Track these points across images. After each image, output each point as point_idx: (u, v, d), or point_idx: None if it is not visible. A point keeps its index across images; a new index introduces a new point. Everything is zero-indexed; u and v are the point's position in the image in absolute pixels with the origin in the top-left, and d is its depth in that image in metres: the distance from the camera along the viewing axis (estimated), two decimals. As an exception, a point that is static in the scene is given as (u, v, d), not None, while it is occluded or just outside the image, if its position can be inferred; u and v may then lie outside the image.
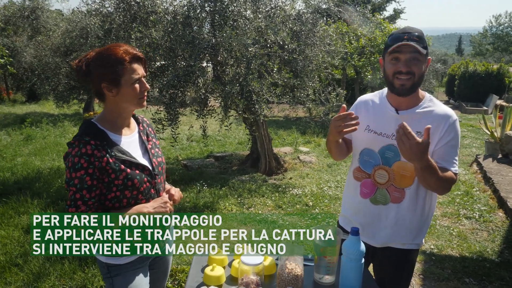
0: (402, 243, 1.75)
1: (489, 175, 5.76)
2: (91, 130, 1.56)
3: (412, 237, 1.75)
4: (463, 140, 9.46)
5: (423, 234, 1.79)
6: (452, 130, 1.62)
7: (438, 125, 1.62)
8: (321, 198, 5.16)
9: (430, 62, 1.69)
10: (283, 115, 11.77)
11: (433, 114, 1.65)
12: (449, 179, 1.60)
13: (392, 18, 28.07)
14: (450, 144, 1.62)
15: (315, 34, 5.83)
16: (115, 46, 1.58)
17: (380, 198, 1.75)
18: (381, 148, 1.71)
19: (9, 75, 15.61)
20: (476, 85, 17.10)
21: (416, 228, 1.75)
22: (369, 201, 1.78)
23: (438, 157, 1.62)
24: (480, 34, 46.54)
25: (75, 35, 9.00)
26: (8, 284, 3.05)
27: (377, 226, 1.77)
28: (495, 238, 4.00)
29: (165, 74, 5.08)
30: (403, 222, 1.73)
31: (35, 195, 4.90)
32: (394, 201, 1.72)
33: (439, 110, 1.66)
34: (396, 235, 1.75)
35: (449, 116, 1.64)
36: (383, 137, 1.71)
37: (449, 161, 1.62)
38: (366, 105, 1.82)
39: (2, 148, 7.62)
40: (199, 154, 7.88)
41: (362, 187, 1.80)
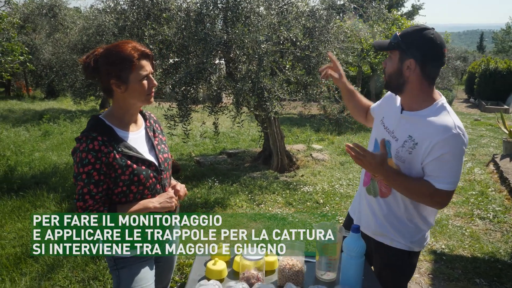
0: (391, 241, 1.72)
1: (505, 175, 5.64)
2: (99, 126, 1.59)
3: (400, 236, 1.70)
4: (481, 139, 9.27)
5: (417, 238, 1.71)
6: (446, 145, 1.49)
7: (433, 136, 1.52)
8: (332, 195, 5.15)
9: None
10: (297, 113, 11.74)
11: (432, 123, 1.54)
12: (425, 191, 1.54)
13: (410, 14, 27.62)
14: (441, 159, 1.51)
15: (329, 31, 5.79)
16: (124, 43, 1.60)
17: (372, 189, 1.77)
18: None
19: (28, 72, 16.00)
20: (497, 83, 16.72)
21: (406, 229, 1.70)
22: (365, 190, 1.82)
23: (427, 170, 1.56)
24: (503, 30, 45.32)
25: (91, 32, 9.16)
26: (23, 274, 3.15)
27: (371, 217, 1.78)
28: (508, 239, 3.92)
29: (178, 71, 5.14)
30: (391, 218, 1.71)
31: (51, 189, 5.04)
32: (381, 196, 1.73)
33: (440, 120, 1.53)
34: (386, 231, 1.73)
35: (447, 129, 1.50)
36: (386, 131, 1.71)
37: (436, 177, 1.53)
38: (390, 98, 1.82)
39: (21, 143, 7.82)
40: (212, 151, 7.94)
41: (365, 175, 1.84)
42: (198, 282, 1.55)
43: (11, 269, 3.21)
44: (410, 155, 1.58)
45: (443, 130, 1.51)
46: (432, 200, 1.56)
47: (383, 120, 1.77)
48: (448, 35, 20.98)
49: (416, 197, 1.61)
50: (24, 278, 3.09)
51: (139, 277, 1.68)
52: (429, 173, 1.55)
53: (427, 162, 1.55)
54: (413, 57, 1.54)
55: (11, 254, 3.45)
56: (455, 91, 22.40)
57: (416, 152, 1.56)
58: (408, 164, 1.60)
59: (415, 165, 1.58)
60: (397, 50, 1.57)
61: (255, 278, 1.57)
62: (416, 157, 1.57)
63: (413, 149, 1.57)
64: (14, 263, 3.30)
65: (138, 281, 1.65)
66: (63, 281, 3.06)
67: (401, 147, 1.61)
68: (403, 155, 1.60)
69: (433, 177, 1.54)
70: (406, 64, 1.55)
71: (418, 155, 1.56)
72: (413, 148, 1.57)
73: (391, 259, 1.74)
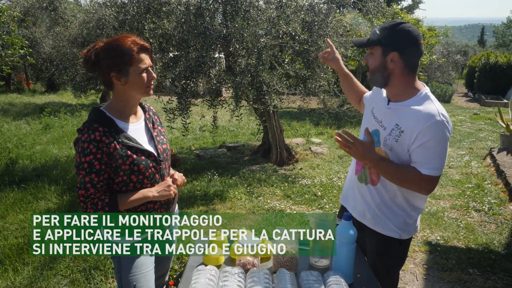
0: (382, 228, 1.78)
1: (502, 168, 5.69)
2: (100, 117, 1.64)
3: (390, 223, 1.75)
4: (479, 133, 9.32)
5: (406, 225, 1.76)
6: (429, 131, 1.56)
7: (417, 124, 1.58)
8: (330, 188, 5.21)
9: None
10: (296, 106, 11.78)
11: (416, 112, 1.61)
12: (412, 178, 1.60)
13: (410, 8, 27.51)
14: (425, 145, 1.58)
15: (328, 25, 5.82)
16: (124, 37, 1.65)
17: (364, 177, 1.83)
18: (373, 131, 1.78)
19: (29, 66, 16.01)
20: (497, 77, 16.72)
21: (396, 216, 1.75)
22: (357, 178, 1.87)
23: (413, 157, 1.62)
24: (504, 24, 45.12)
25: (92, 26, 9.16)
26: (26, 264, 3.22)
27: (363, 206, 1.84)
28: (503, 231, 3.99)
29: (178, 64, 5.17)
30: (381, 206, 1.77)
31: (52, 182, 5.10)
32: (371, 183, 1.79)
33: (424, 108, 1.60)
34: (377, 218, 1.78)
35: (431, 117, 1.57)
36: (375, 121, 1.79)
37: (421, 163, 1.59)
38: (378, 89, 1.89)
39: (22, 136, 7.88)
40: (211, 144, 7.99)
41: (357, 164, 1.90)
42: (196, 268, 1.61)
43: (13, 259, 3.28)
44: (397, 142, 1.65)
45: (427, 118, 1.57)
46: (419, 186, 1.63)
47: (373, 110, 1.84)
48: (448, 29, 20.89)
49: (403, 183, 1.67)
50: (27, 267, 3.16)
51: (139, 263, 1.73)
52: (415, 160, 1.62)
53: (412, 149, 1.61)
54: (396, 50, 1.61)
55: (13, 244, 3.52)
56: (455, 85, 22.40)
57: (402, 140, 1.63)
58: (395, 152, 1.67)
59: (402, 152, 1.65)
60: (378, 45, 1.64)
61: (251, 264, 1.63)
62: (402, 145, 1.64)
63: (399, 137, 1.64)
64: (16, 253, 3.37)
65: (138, 267, 1.71)
66: (65, 270, 3.13)
67: (388, 135, 1.69)
68: (390, 143, 1.67)
69: (419, 163, 1.61)
70: (390, 57, 1.62)
71: (404, 142, 1.63)
72: (399, 136, 1.64)
73: (383, 246, 1.80)
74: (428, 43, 12.28)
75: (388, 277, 1.84)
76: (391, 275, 1.87)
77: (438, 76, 21.02)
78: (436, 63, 18.27)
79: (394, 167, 1.63)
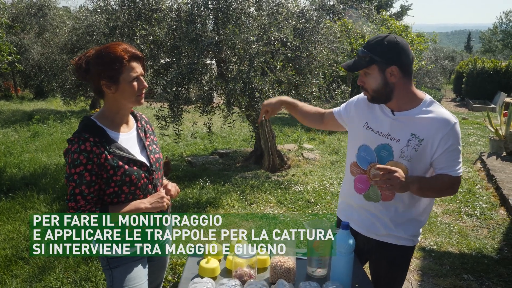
0: (397, 239, 1.77)
1: (492, 173, 5.75)
2: (90, 127, 1.60)
3: (406, 234, 1.77)
4: (468, 138, 9.42)
5: (418, 231, 1.81)
6: (451, 135, 1.61)
7: (437, 131, 1.61)
8: (323, 195, 5.20)
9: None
10: (288, 112, 11.79)
11: (431, 119, 1.63)
12: (447, 184, 1.64)
13: (399, 14, 27.88)
14: (450, 149, 1.62)
15: (319, 32, 5.84)
16: (115, 44, 1.62)
17: (372, 195, 1.78)
18: (377, 146, 1.72)
19: (17, 72, 15.79)
20: (484, 82, 16.96)
21: (411, 225, 1.77)
22: (363, 197, 1.81)
23: (439, 163, 1.64)
24: (490, 30, 45.91)
25: (81, 32, 9.11)
26: (14, 276, 3.14)
27: (373, 222, 1.80)
28: (495, 236, 4.01)
29: (169, 71, 5.14)
30: (397, 218, 1.75)
31: (41, 191, 5.00)
32: (384, 199, 1.75)
33: (438, 114, 1.63)
34: (392, 231, 1.77)
35: (448, 122, 1.61)
36: (379, 135, 1.72)
37: (450, 166, 1.64)
38: (359, 103, 1.87)
39: (10, 144, 7.74)
40: (203, 151, 7.94)
41: (357, 182, 1.83)
42: (192, 280, 1.57)
43: (1, 271, 3.19)
44: (417, 152, 1.63)
45: (445, 124, 1.61)
46: (453, 189, 1.67)
47: (367, 125, 1.78)
48: (436, 35, 21.16)
49: (440, 193, 1.70)
50: (15, 280, 3.08)
51: (132, 276, 1.69)
52: (441, 166, 1.64)
53: (437, 156, 1.63)
54: (393, 63, 1.60)
55: (1, 256, 3.43)
56: (443, 90, 22.66)
57: (423, 148, 1.63)
58: (415, 162, 1.65)
59: (423, 160, 1.65)
60: (374, 64, 1.62)
61: (248, 275, 1.59)
62: (423, 153, 1.63)
63: (419, 146, 1.63)
64: (4, 265, 3.28)
65: (131, 280, 1.67)
66: (55, 282, 3.06)
67: (405, 147, 1.65)
68: (409, 154, 1.64)
69: (447, 168, 1.63)
70: (388, 72, 1.61)
71: (425, 151, 1.63)
72: (419, 145, 1.63)
73: (400, 257, 1.81)
74: (417, 49, 12.42)
75: (401, 283, 1.88)
76: (403, 281, 1.90)
77: (427, 81, 21.29)
78: (425, 69, 18.49)
79: (431, 182, 1.64)
